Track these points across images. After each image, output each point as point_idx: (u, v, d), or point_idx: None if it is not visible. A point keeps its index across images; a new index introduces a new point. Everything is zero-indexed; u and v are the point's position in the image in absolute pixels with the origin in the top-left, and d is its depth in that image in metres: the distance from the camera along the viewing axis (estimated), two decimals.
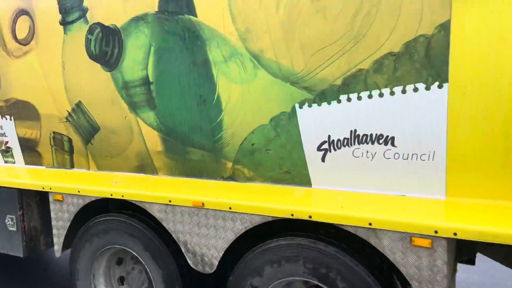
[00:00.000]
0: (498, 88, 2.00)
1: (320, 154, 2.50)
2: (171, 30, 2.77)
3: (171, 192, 2.85)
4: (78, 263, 3.35)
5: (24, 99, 3.60)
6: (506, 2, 1.93)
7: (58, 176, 3.50)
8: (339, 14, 2.27)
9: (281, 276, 2.53)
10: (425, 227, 2.11)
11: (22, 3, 3.40)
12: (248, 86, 2.60)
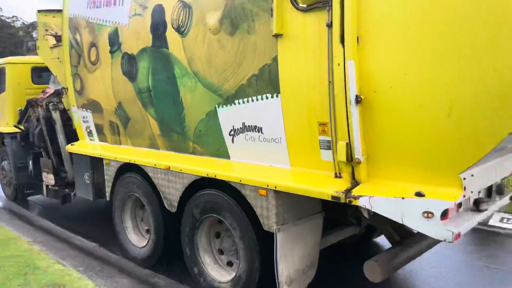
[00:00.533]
0: (307, 96, 3.19)
1: (230, 138, 3.92)
2: (157, 57, 4.44)
3: (156, 159, 4.55)
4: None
5: (95, 99, 5.65)
6: (305, 46, 3.13)
7: (110, 149, 5.49)
8: (229, 51, 3.67)
9: (203, 213, 4.05)
10: (262, 183, 3.44)
11: (93, 39, 5.42)
12: (194, 93, 4.13)
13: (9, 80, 8.14)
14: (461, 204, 2.84)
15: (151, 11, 4.39)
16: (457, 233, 2.60)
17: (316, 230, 3.74)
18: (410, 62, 2.63)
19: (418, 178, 2.75)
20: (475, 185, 2.75)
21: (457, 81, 2.46)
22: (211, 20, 3.76)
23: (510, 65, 2.28)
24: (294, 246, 3.55)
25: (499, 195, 3.29)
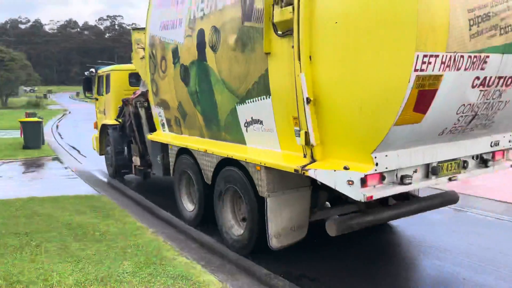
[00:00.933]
0: (286, 98, 4.38)
1: (245, 128, 5.26)
2: (201, 67, 5.93)
3: (200, 145, 6.07)
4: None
5: (165, 99, 7.37)
6: (283, 61, 4.33)
7: (173, 137, 7.17)
8: (241, 64, 5.00)
9: (235, 187, 5.43)
10: (258, 161, 4.74)
11: (163, 53, 7.12)
12: (222, 95, 5.54)
13: (112, 83, 10.40)
14: (384, 177, 3.82)
15: (196, 33, 5.90)
16: (369, 196, 3.64)
17: (303, 200, 4.91)
18: (338, 74, 3.72)
19: (348, 156, 3.83)
20: (391, 163, 3.74)
21: (364, 87, 3.51)
22: (230, 40, 5.13)
23: (389, 79, 3.28)
24: (283, 209, 4.78)
25: (434, 175, 4.14)
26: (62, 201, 7.71)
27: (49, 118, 30.29)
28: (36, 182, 9.97)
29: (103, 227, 6.04)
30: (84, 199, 7.82)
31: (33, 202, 7.55)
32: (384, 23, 3.25)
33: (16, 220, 6.39)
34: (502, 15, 3.54)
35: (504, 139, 4.77)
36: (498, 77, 3.77)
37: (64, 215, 6.64)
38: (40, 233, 5.70)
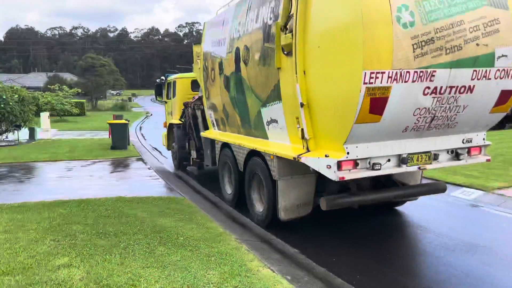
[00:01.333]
0: (291, 102, 5.66)
1: (267, 126, 6.62)
2: (237, 77, 7.38)
3: (235, 140, 7.53)
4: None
5: (214, 103, 8.91)
6: (288, 74, 5.64)
7: (219, 134, 8.71)
8: (263, 75, 6.37)
9: (258, 172, 6.83)
10: (271, 152, 6.09)
11: (213, 66, 8.69)
12: (251, 99, 6.94)
13: (178, 89, 12.27)
14: (358, 163, 4.96)
15: (234, 50, 7.37)
16: (340, 177, 4.83)
17: (309, 184, 6.14)
18: (321, 85, 4.97)
19: (330, 147, 5.05)
20: (361, 153, 4.89)
21: (335, 95, 4.73)
22: (256, 56, 6.52)
23: (349, 90, 4.46)
24: (291, 190, 6.07)
25: (404, 164, 5.19)
26: (147, 202, 7.83)
27: (133, 120, 31.73)
28: (123, 182, 10.29)
29: (186, 231, 5.98)
30: (167, 201, 7.94)
31: (121, 202, 7.72)
32: (344, 49, 4.46)
33: (106, 220, 6.53)
34: (447, 39, 4.55)
35: (478, 137, 5.64)
36: (449, 87, 4.76)
37: (150, 217, 6.73)
38: (127, 235, 5.77)
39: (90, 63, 50.68)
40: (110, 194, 8.47)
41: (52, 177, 10.88)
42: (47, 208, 7.27)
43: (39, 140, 19.62)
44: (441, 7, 4.55)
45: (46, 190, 9.18)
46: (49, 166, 12.65)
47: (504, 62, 4.95)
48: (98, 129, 25.79)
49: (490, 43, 4.81)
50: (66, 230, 5.97)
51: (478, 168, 10.21)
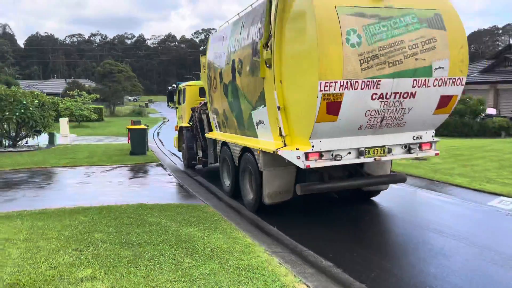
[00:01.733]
0: (272, 106, 6.97)
1: (257, 126, 7.93)
2: (233, 85, 8.72)
3: (232, 139, 8.87)
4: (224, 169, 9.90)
5: (216, 107, 10.27)
6: (270, 83, 6.95)
7: (220, 135, 10.06)
8: (252, 84, 7.69)
9: (249, 166, 8.16)
10: (258, 148, 7.40)
11: (214, 75, 10.05)
12: (244, 104, 8.25)
13: (187, 95, 13.69)
14: (322, 155, 6.21)
15: (231, 62, 8.71)
16: (307, 164, 6.10)
17: (290, 174, 7.41)
18: (292, 91, 6.26)
19: (300, 142, 6.33)
20: (324, 146, 6.15)
21: (302, 100, 6.01)
22: (246, 68, 7.85)
23: (310, 96, 5.74)
24: (274, 179, 7.35)
25: (362, 156, 6.42)
26: (169, 209, 7.75)
27: (151, 126, 31.46)
28: (144, 188, 10.29)
29: (213, 241, 5.85)
30: (190, 209, 7.84)
31: (142, 210, 7.65)
32: (306, 63, 5.77)
33: (128, 229, 6.43)
34: (389, 55, 5.81)
35: (427, 135, 6.85)
36: (394, 93, 6.00)
37: (174, 226, 6.61)
38: (152, 245, 5.64)
39: (108, 69, 52.65)
40: (131, 200, 8.49)
41: (72, 183, 11.00)
42: (68, 215, 7.31)
43: (58, 146, 19.92)
44: (384, 30, 5.82)
45: (66, 196, 9.43)
46: (68, 171, 12.93)
47: (440, 72, 6.17)
48: (116, 134, 26.37)
49: (428, 57, 6.04)
50: (88, 239, 5.91)
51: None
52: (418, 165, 12.33)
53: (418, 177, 10.97)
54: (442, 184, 10.25)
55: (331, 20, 5.57)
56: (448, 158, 13.61)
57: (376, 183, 7.71)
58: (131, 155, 15.83)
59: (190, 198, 9.12)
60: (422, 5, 6.19)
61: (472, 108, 23.42)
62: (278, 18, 6.40)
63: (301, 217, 7.93)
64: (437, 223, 7.19)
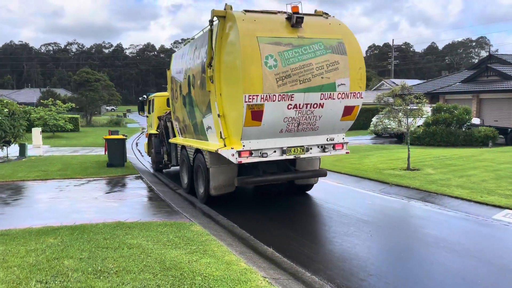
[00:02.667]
0: (215, 114, 8.82)
1: (207, 131, 9.76)
2: (189, 97, 10.55)
3: (188, 143, 10.70)
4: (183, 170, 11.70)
5: (177, 115, 12.08)
6: (213, 95, 8.81)
7: (180, 140, 11.87)
8: (202, 95, 9.54)
9: (200, 164, 9.98)
10: (206, 149, 9.24)
11: (176, 88, 11.88)
12: (197, 113, 10.09)
13: (155, 105, 15.50)
14: (252, 153, 8.06)
15: (187, 77, 10.56)
16: (239, 161, 7.97)
17: (232, 170, 9.25)
18: (228, 103, 8.14)
19: (234, 143, 8.18)
20: (253, 146, 8.03)
21: (234, 109, 7.89)
22: (198, 82, 9.70)
23: (238, 106, 7.61)
24: (219, 175, 9.18)
25: (285, 154, 8.31)
26: (151, 228, 7.21)
27: (129, 136, 30.60)
28: (122, 203, 9.62)
29: (203, 268, 5.38)
30: (174, 227, 7.30)
31: (121, 230, 7.07)
32: (235, 80, 7.66)
33: (104, 253, 5.85)
34: (299, 75, 7.74)
35: (338, 137, 8.80)
36: (305, 104, 7.93)
37: (157, 249, 6.08)
38: (131, 273, 5.10)
39: (84, 77, 53.39)
40: (108, 218, 7.96)
41: (42, 199, 10.23)
42: (34, 236, 6.67)
43: (29, 157, 19.06)
44: (296, 55, 7.76)
45: (35, 213, 8.76)
46: (39, 185, 12.08)
47: (343, 88, 8.15)
48: (92, 145, 25.91)
49: (332, 76, 8.01)
50: (57, 267, 5.30)
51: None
52: (412, 176, 12.30)
53: (415, 189, 10.91)
54: (440, 196, 10.09)
55: (253, 47, 7.49)
56: (441, 168, 13.54)
57: (301, 177, 9.63)
58: (109, 167, 15.27)
59: (173, 214, 8.53)
60: (328, 35, 8.18)
61: (458, 118, 23.35)
62: (217, 44, 8.29)
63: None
64: (446, 240, 7.10)
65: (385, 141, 26.67)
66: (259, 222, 8.51)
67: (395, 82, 54.81)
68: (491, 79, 31.01)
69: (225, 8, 8.25)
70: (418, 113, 13.78)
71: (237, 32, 7.59)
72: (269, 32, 7.75)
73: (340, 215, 8.82)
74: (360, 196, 10.75)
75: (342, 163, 15.32)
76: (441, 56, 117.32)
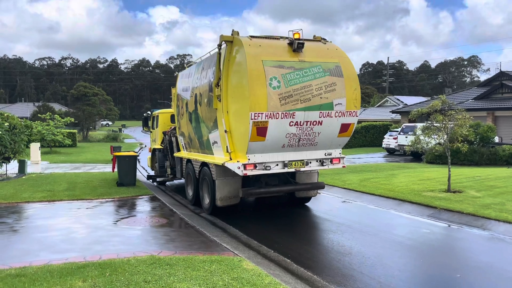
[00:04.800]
0: (222, 129, 9.63)
1: (213, 146, 10.56)
2: (196, 113, 11.37)
3: (194, 156, 11.50)
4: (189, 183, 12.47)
5: (183, 131, 12.89)
6: (220, 112, 9.64)
7: (186, 154, 12.66)
8: (209, 113, 10.36)
9: (206, 177, 10.77)
10: (212, 162, 10.03)
11: (182, 105, 12.71)
12: (203, 128, 10.91)
13: (160, 121, 16.33)
14: (256, 166, 8.86)
15: (194, 95, 11.40)
16: (245, 173, 8.76)
17: (237, 182, 10.02)
18: (234, 119, 8.96)
19: (240, 157, 8.99)
20: (258, 159, 8.84)
21: (241, 125, 8.71)
22: (205, 100, 10.53)
23: (245, 122, 8.44)
24: (224, 186, 9.95)
25: (286, 167, 9.12)
26: (195, 265, 6.21)
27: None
28: (146, 231, 8.74)
29: None
30: (224, 265, 6.30)
31: (159, 267, 6.09)
32: (242, 99, 8.50)
33: None
34: (300, 95, 8.60)
35: (336, 152, 9.64)
36: (305, 121, 8.77)
37: None
38: None
39: (82, 92, 53.80)
40: (137, 251, 7.08)
41: (53, 225, 9.18)
42: (58, 278, 5.64)
43: (30, 174, 18.20)
44: (298, 77, 8.64)
45: (50, 244, 7.70)
46: (47, 208, 11.16)
47: (340, 107, 9.02)
48: (93, 161, 25.43)
49: (330, 96, 8.88)
50: None
51: None
52: (459, 199, 11.46)
53: (470, 215, 9.97)
54: (509, 225, 9.12)
55: (259, 70, 8.36)
56: (485, 190, 12.70)
57: (301, 189, 10.42)
58: (119, 186, 14.40)
59: (211, 245, 7.65)
60: (326, 59, 9.09)
61: (482, 135, 22.09)
62: (224, 66, 9.15)
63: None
64: None
65: (400, 159, 25.82)
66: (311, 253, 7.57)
67: (399, 99, 56.03)
68: (507, 96, 30.32)
69: (232, 33, 9.15)
70: (460, 130, 12.58)
71: (244, 56, 8.47)
72: (273, 56, 8.63)
73: (412, 248, 7.91)
74: (410, 223, 9.84)
75: (370, 183, 14.68)
76: (434, 74, 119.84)
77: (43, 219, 9.86)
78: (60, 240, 7.95)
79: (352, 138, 34.19)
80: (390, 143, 29.06)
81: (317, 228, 9.69)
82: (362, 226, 9.49)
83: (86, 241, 7.90)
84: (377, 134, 36.26)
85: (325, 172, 16.71)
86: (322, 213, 10.87)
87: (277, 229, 9.32)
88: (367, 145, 35.05)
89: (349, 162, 23.33)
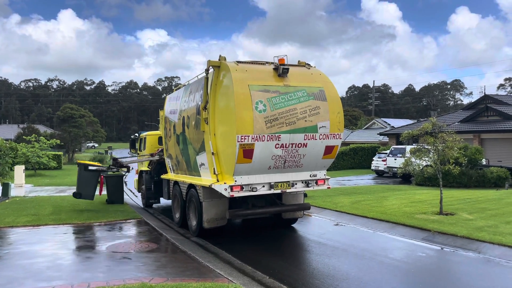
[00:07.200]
0: (209, 151, 9.83)
1: (200, 168, 10.75)
2: (183, 136, 11.58)
3: (181, 178, 11.64)
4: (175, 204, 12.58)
5: (170, 153, 13.06)
6: (207, 135, 9.86)
7: (173, 176, 12.79)
8: (196, 135, 10.58)
9: (193, 199, 10.90)
10: (199, 184, 10.20)
11: (169, 127, 12.91)
12: (190, 150, 11.10)
13: (147, 143, 16.47)
14: (243, 187, 9.04)
15: (181, 118, 11.62)
16: (231, 194, 8.94)
17: (224, 204, 10.16)
18: (221, 142, 9.18)
19: (227, 178, 9.18)
20: (244, 181, 9.02)
21: (228, 147, 8.93)
22: (192, 123, 10.75)
23: (232, 145, 8.67)
24: (211, 208, 10.09)
25: (272, 189, 9.32)
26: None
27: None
28: (137, 257, 8.42)
29: None
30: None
31: None
32: (229, 122, 8.74)
33: None
34: (285, 118, 8.88)
35: (320, 173, 9.88)
36: (291, 143, 9.03)
37: None
38: None
39: (69, 113, 53.84)
40: (127, 278, 6.81)
41: (39, 251, 8.88)
42: None
43: (13, 198, 17.78)
44: (283, 101, 8.93)
45: (36, 271, 7.39)
46: (31, 233, 10.82)
47: (324, 130, 9.31)
48: None
49: (314, 119, 9.17)
50: None
51: None
52: (452, 222, 11.48)
53: (464, 238, 9.92)
54: (504, 248, 9.05)
55: (245, 94, 8.64)
56: (477, 213, 12.75)
57: (287, 210, 10.60)
58: (109, 203, 15.48)
59: (204, 271, 7.47)
60: (310, 83, 9.42)
61: (470, 157, 21.97)
62: (212, 90, 9.43)
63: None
64: None
65: (390, 181, 26.01)
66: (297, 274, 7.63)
67: (386, 121, 56.98)
68: (492, 119, 30.92)
69: (220, 59, 9.46)
70: (451, 153, 12.60)
71: (231, 80, 8.75)
72: (259, 81, 8.93)
73: (409, 273, 7.91)
74: (405, 246, 9.79)
75: (362, 206, 14.64)
76: (418, 98, 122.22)
77: (28, 244, 9.50)
78: (46, 267, 7.64)
79: (341, 160, 35.13)
80: (379, 165, 29.41)
81: (312, 252, 9.55)
82: (357, 249, 9.43)
83: (73, 268, 7.72)
84: (366, 156, 36.71)
85: (316, 194, 16.93)
86: (316, 236, 10.88)
87: (271, 254, 9.29)
88: (356, 167, 35.51)
89: (339, 184, 23.67)
